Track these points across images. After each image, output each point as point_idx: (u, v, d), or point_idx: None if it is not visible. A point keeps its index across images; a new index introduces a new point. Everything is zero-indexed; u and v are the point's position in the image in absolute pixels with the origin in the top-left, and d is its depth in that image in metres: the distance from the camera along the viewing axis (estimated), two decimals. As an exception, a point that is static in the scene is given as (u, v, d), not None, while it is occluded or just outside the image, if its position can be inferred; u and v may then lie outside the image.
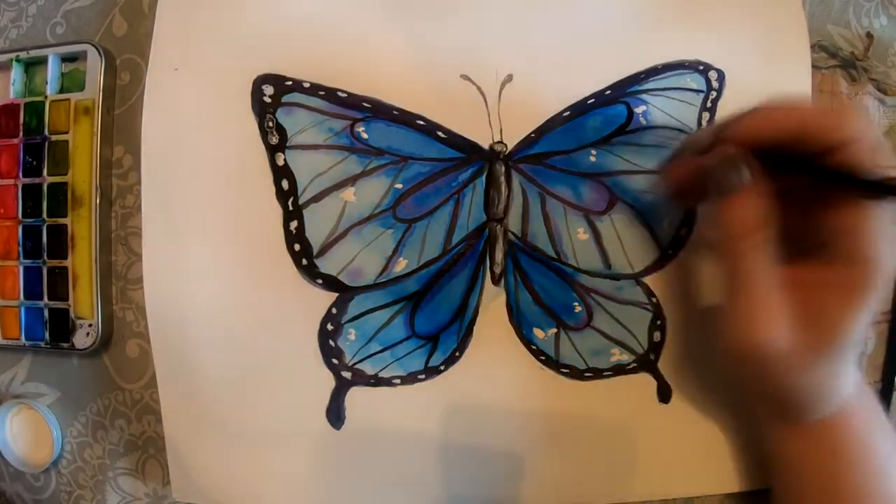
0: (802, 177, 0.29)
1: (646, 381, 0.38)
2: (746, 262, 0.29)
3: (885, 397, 0.41)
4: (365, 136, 0.36)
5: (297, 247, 0.36)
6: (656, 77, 0.37)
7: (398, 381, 0.37)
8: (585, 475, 0.38)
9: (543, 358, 0.37)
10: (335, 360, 0.37)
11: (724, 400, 0.38)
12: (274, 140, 0.36)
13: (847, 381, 0.31)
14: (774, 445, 0.34)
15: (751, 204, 0.29)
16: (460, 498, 0.38)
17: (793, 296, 0.29)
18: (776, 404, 0.32)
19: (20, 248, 0.38)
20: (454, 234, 0.37)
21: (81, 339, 0.38)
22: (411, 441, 0.37)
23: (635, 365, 0.38)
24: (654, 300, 0.38)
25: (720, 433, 0.38)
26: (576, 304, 0.37)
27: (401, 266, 0.37)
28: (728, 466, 0.39)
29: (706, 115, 0.38)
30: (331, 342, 0.37)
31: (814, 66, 0.39)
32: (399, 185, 0.37)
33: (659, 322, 0.38)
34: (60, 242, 0.38)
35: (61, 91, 0.39)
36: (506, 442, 0.37)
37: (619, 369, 0.38)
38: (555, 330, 0.37)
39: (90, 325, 0.38)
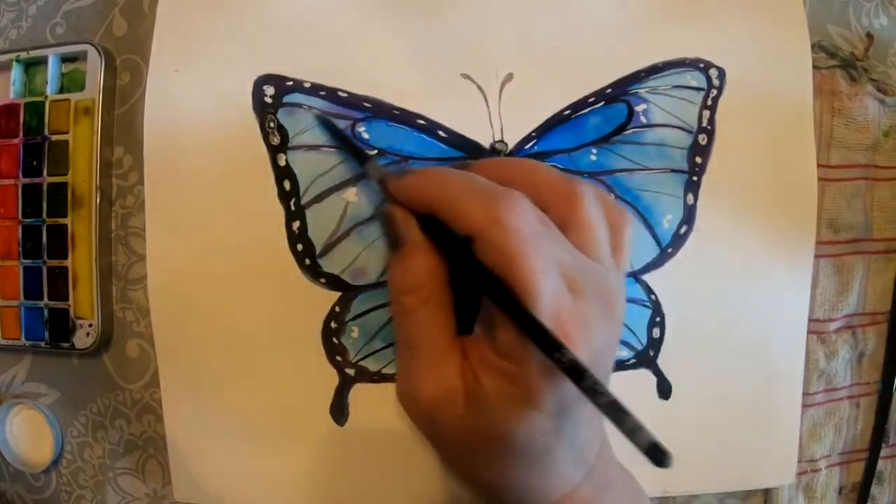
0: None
1: (645, 378, 0.38)
2: (410, 319, 0.26)
3: (885, 397, 0.41)
4: (366, 136, 0.36)
5: (299, 247, 0.36)
6: (657, 75, 0.38)
7: (401, 378, 0.37)
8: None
9: (545, 356, 0.37)
10: (339, 358, 0.37)
11: (724, 397, 0.38)
12: (275, 141, 0.36)
13: (547, 487, 0.27)
14: None
15: (411, 261, 0.26)
16: (462, 494, 0.38)
17: (469, 368, 0.26)
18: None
19: (20, 248, 0.38)
20: (455, 233, 0.37)
21: (81, 339, 0.38)
22: (414, 437, 0.37)
23: (634, 361, 0.38)
24: (653, 297, 0.38)
25: (721, 430, 0.38)
26: (577, 302, 0.37)
27: (402, 265, 0.37)
28: (728, 464, 0.39)
29: (707, 113, 0.38)
30: (334, 340, 0.37)
31: (814, 67, 0.39)
32: (400, 185, 0.37)
33: (658, 319, 0.38)
34: (60, 242, 0.38)
35: (61, 91, 0.38)
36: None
37: (619, 365, 0.38)
38: (556, 328, 0.37)
39: (90, 325, 0.38)
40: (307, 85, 0.36)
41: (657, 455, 0.21)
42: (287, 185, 0.36)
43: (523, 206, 0.24)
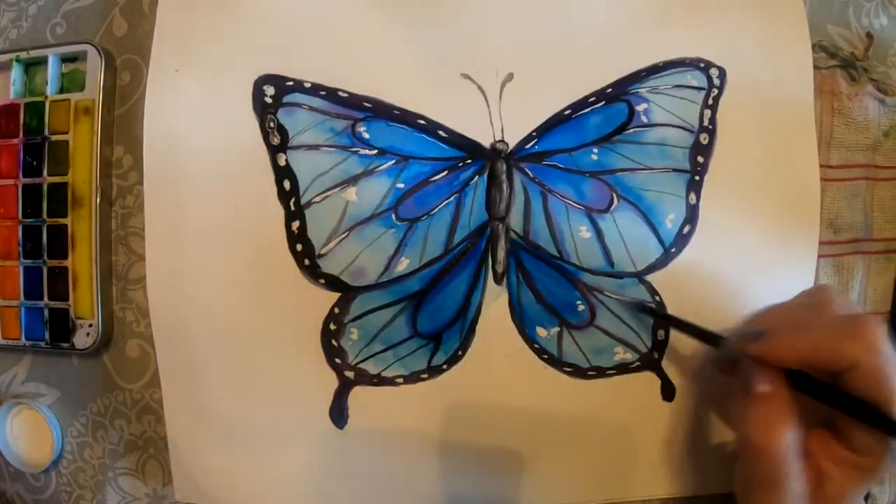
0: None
1: (649, 380, 0.38)
2: (769, 457, 0.28)
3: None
4: (366, 135, 0.36)
5: (299, 247, 0.36)
6: (657, 74, 0.38)
7: (401, 380, 0.37)
8: (588, 474, 0.38)
9: (546, 357, 0.37)
10: (338, 360, 0.37)
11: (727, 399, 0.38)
12: (275, 140, 0.36)
13: None
14: None
15: (774, 408, 0.29)
16: (463, 497, 0.38)
17: (805, 465, 0.29)
18: None
19: (20, 249, 0.38)
20: (456, 233, 0.37)
21: (81, 339, 0.38)
22: (414, 440, 0.37)
23: (639, 363, 0.38)
24: (657, 298, 0.38)
25: (723, 432, 0.38)
26: (578, 302, 0.37)
27: (403, 266, 0.37)
28: (731, 465, 0.38)
29: (708, 113, 0.38)
30: (333, 342, 0.37)
31: (814, 67, 0.39)
32: (400, 185, 0.37)
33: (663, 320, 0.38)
34: (61, 242, 0.38)
35: (61, 91, 0.38)
36: (509, 441, 0.37)
37: (623, 368, 0.38)
38: (557, 329, 0.37)
39: (90, 325, 0.37)
40: (307, 85, 0.36)
41: None
42: (287, 185, 0.36)
43: (881, 327, 0.28)
